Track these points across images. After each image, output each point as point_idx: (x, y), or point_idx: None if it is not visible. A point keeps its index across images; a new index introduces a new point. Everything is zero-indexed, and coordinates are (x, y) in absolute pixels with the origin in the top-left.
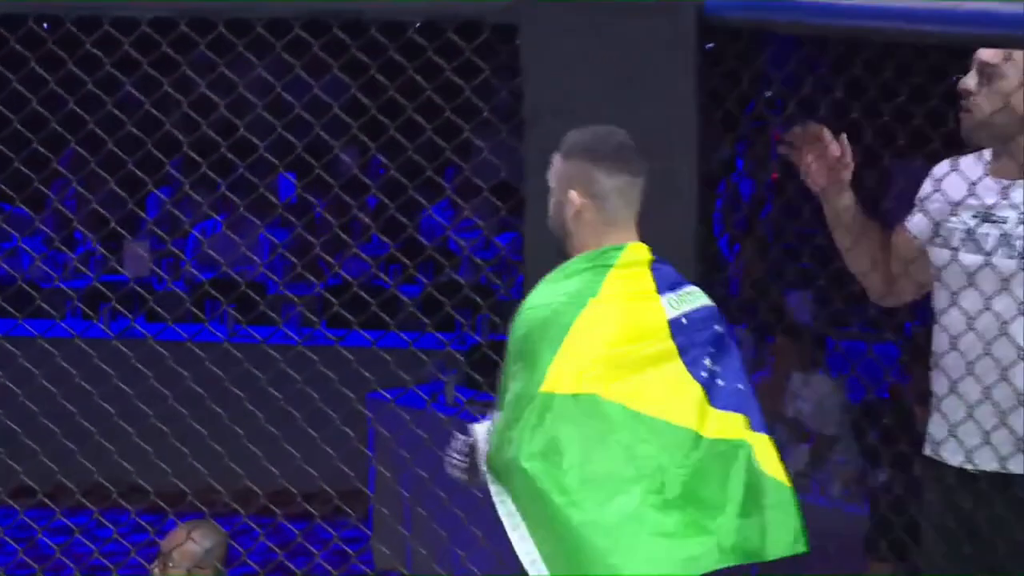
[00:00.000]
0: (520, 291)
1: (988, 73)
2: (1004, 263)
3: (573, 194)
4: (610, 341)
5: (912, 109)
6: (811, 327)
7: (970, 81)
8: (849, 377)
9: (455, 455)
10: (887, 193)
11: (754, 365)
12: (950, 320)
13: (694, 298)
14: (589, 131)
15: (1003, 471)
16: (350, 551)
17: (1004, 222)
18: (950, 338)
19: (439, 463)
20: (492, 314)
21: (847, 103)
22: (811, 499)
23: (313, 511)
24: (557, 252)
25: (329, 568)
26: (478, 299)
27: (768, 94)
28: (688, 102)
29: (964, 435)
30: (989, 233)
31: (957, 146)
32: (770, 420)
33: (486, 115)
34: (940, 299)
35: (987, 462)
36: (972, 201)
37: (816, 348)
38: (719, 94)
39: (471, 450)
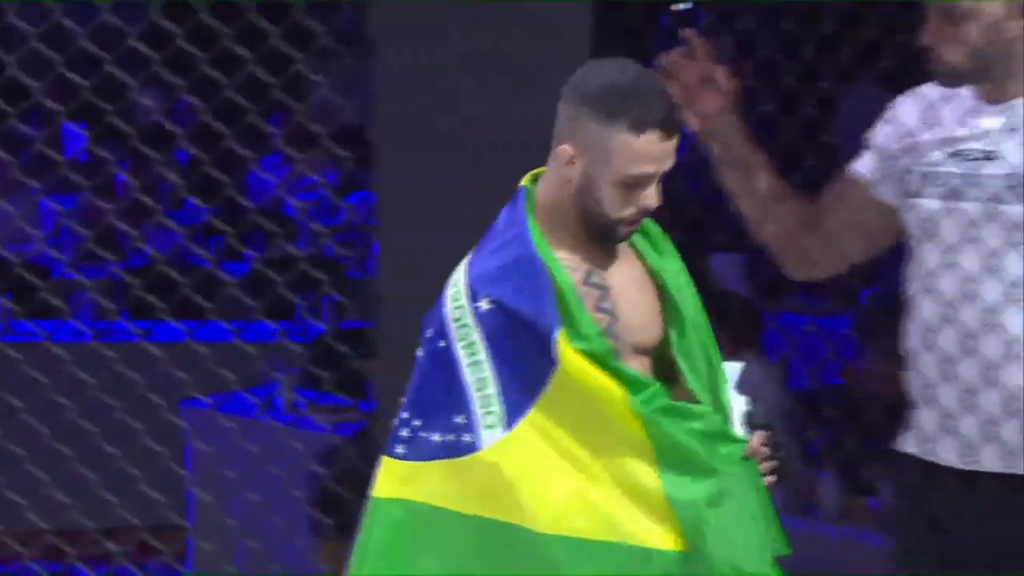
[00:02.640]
0: (376, 264)
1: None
2: (1013, 209)
3: None
4: None
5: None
6: (744, 299)
7: (929, 36)
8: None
9: None
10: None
11: None
12: (943, 284)
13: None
14: None
15: (1009, 471)
16: None
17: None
18: (943, 307)
19: (274, 483)
20: (341, 295)
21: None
22: None
23: (115, 550)
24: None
25: None
26: (322, 276)
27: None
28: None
29: (965, 429)
30: (992, 173)
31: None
32: None
33: (323, 41)
34: (928, 258)
35: (994, 461)
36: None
37: (750, 325)
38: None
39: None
